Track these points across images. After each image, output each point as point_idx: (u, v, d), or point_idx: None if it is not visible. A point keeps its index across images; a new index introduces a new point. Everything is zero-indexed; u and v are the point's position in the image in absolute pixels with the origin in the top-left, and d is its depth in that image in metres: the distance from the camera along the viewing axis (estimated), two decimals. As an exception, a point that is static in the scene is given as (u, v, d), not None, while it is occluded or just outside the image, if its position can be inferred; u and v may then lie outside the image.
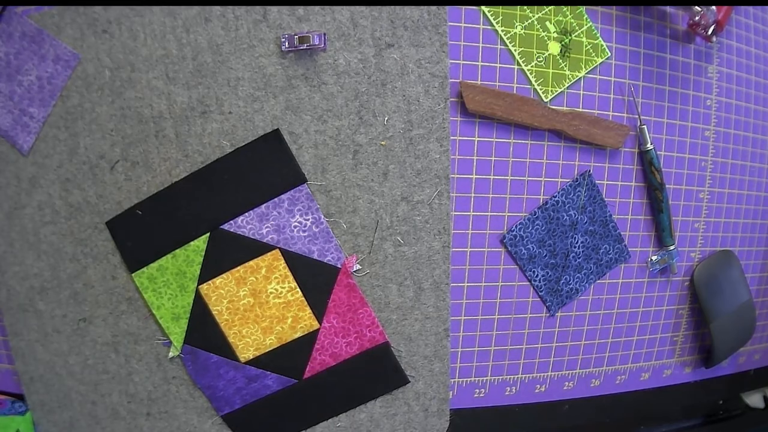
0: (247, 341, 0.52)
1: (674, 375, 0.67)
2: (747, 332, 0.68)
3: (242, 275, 0.51)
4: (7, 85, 0.47)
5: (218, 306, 0.51)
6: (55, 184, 0.49)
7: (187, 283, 0.51)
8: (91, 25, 0.46)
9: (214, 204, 0.50)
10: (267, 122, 0.49)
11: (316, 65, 0.49)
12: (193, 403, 0.53)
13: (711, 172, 0.64)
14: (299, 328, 0.52)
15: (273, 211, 0.50)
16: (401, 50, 0.50)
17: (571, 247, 0.58)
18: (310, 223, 0.51)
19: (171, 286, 0.51)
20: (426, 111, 0.51)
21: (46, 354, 0.51)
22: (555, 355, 0.60)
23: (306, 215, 0.51)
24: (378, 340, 0.54)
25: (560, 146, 0.57)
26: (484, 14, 0.53)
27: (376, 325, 0.54)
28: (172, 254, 0.50)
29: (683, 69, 0.61)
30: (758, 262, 0.70)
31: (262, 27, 0.48)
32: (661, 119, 0.61)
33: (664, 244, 0.62)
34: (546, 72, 0.55)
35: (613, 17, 0.57)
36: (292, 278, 0.51)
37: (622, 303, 0.62)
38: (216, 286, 0.51)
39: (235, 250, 0.50)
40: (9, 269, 0.50)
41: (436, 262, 0.54)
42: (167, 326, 0.52)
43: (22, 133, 0.48)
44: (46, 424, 0.51)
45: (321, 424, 0.55)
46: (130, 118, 0.48)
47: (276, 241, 0.51)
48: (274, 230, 0.51)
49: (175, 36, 0.47)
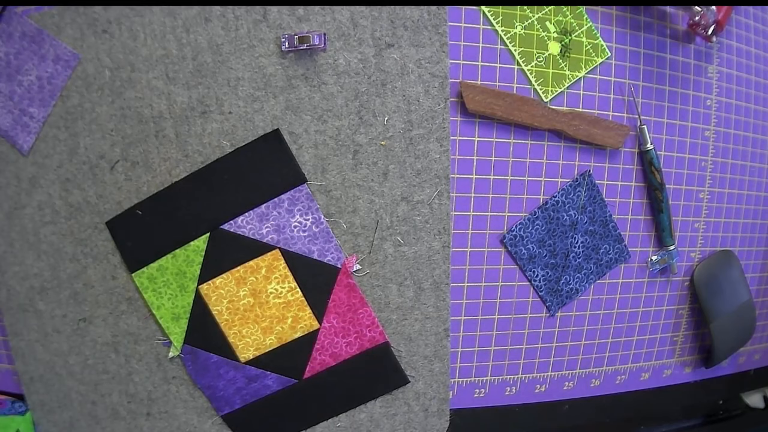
0: (247, 341, 0.52)
1: (674, 375, 0.67)
2: (747, 332, 0.68)
3: (242, 275, 0.51)
4: (7, 85, 0.47)
5: (218, 306, 0.51)
6: (55, 184, 0.49)
7: (187, 283, 0.51)
8: (91, 25, 0.46)
9: (214, 204, 0.50)
10: (267, 122, 0.49)
11: (316, 65, 0.49)
12: (193, 403, 0.53)
13: (711, 172, 0.64)
14: (299, 328, 0.52)
15: (273, 211, 0.50)
16: (401, 50, 0.50)
17: (571, 247, 0.58)
18: (310, 223, 0.51)
19: (171, 286, 0.51)
20: (426, 111, 0.51)
21: (46, 354, 0.51)
22: (555, 355, 0.60)
23: (306, 215, 0.51)
24: (378, 340, 0.54)
25: (560, 146, 0.57)
26: (484, 14, 0.53)
27: (376, 325, 0.54)
28: (172, 254, 0.50)
29: (683, 69, 0.61)
30: (758, 262, 0.70)
31: (262, 27, 0.48)
32: (661, 119, 0.61)
33: (664, 244, 0.62)
34: (546, 72, 0.55)
35: (613, 17, 0.57)
36: (292, 278, 0.51)
37: (622, 303, 0.62)
38: (216, 286, 0.51)
39: (235, 250, 0.50)
40: (9, 269, 0.50)
41: (436, 262, 0.54)
42: (167, 326, 0.52)
43: (22, 133, 0.48)
44: (46, 424, 0.51)
45: (321, 424, 0.55)
46: (130, 118, 0.48)
47: (276, 241, 0.51)
48: (274, 230, 0.51)
49: (175, 36, 0.47)
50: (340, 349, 0.54)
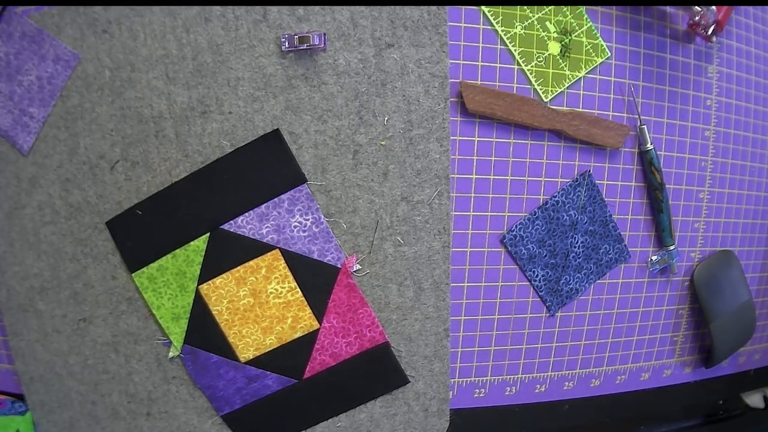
0: (247, 341, 0.52)
1: (674, 375, 0.67)
2: (747, 332, 0.68)
3: (242, 275, 0.51)
4: (7, 85, 0.47)
5: (218, 306, 0.51)
6: (55, 184, 0.49)
7: (187, 283, 0.51)
8: (91, 25, 0.46)
9: (214, 204, 0.50)
10: (267, 122, 0.49)
11: (316, 65, 0.49)
12: (193, 403, 0.53)
13: (711, 172, 0.64)
14: (299, 328, 0.52)
15: (273, 211, 0.50)
16: (401, 50, 0.50)
17: (571, 247, 0.58)
18: (310, 223, 0.51)
19: (171, 286, 0.51)
20: (426, 111, 0.51)
21: (46, 354, 0.51)
22: (555, 355, 0.60)
23: (306, 215, 0.51)
24: (378, 340, 0.54)
25: (560, 146, 0.57)
26: (484, 14, 0.53)
27: (376, 325, 0.54)
28: (172, 254, 0.50)
29: (683, 69, 0.61)
30: (758, 262, 0.70)
31: (262, 27, 0.48)
32: (661, 119, 0.61)
33: (664, 244, 0.62)
34: (546, 72, 0.55)
35: (613, 17, 0.57)
36: (292, 278, 0.51)
37: (622, 303, 0.62)
38: (216, 286, 0.51)
39: (235, 250, 0.50)
40: (9, 269, 0.50)
41: (436, 262, 0.54)
42: (167, 326, 0.52)
43: (22, 133, 0.48)
44: (46, 424, 0.51)
45: (321, 424, 0.55)
46: (130, 118, 0.48)
47: (276, 241, 0.51)
48: (274, 230, 0.51)
49: (175, 36, 0.47)
50: (340, 349, 0.53)
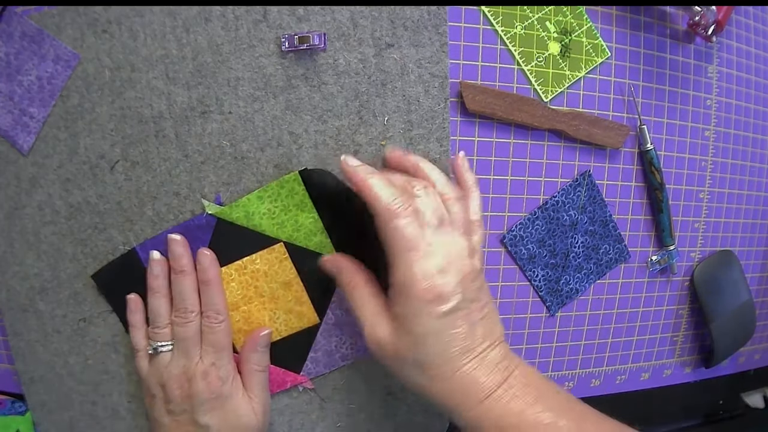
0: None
1: (674, 375, 0.67)
2: (747, 332, 0.68)
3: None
4: (7, 85, 0.47)
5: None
6: (55, 184, 0.48)
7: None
8: (91, 25, 0.46)
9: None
10: (267, 122, 0.49)
11: (316, 65, 0.49)
12: (193, 403, 0.53)
13: (711, 172, 0.64)
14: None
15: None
16: (401, 50, 0.50)
17: (571, 247, 0.58)
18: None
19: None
20: (426, 111, 0.51)
21: (46, 354, 0.51)
22: (555, 355, 0.60)
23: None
24: (378, 340, 0.54)
25: (560, 146, 0.57)
26: (484, 14, 0.53)
27: (376, 325, 0.53)
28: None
29: (683, 69, 0.61)
30: (758, 262, 0.70)
31: (262, 27, 0.48)
32: (661, 119, 0.61)
33: (664, 244, 0.62)
34: (546, 72, 0.55)
35: (613, 17, 0.57)
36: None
37: (622, 303, 0.62)
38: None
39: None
40: (9, 269, 0.50)
41: (436, 262, 0.53)
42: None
43: (22, 133, 0.48)
44: (46, 424, 0.51)
45: (321, 424, 0.55)
46: (130, 118, 0.48)
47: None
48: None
49: (175, 36, 0.47)
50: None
